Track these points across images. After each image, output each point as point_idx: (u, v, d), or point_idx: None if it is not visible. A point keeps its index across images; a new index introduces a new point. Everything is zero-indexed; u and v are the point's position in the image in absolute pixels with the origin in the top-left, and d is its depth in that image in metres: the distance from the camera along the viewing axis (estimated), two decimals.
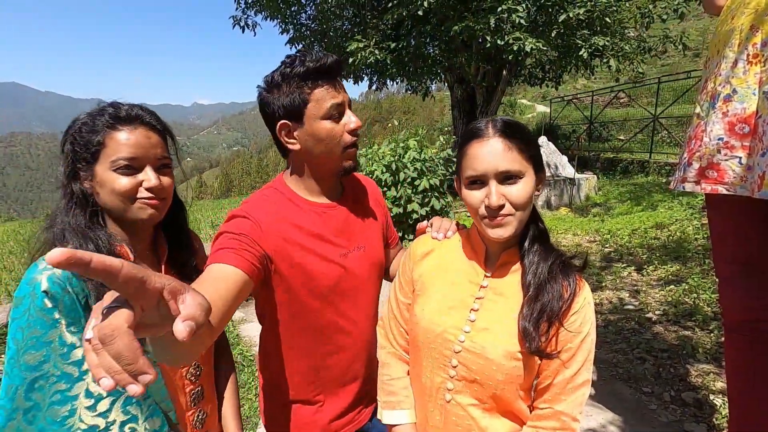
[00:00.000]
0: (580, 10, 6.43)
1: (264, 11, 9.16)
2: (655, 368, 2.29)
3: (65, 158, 0.80)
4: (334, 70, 0.91)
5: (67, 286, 0.71)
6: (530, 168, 0.80)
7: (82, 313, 0.72)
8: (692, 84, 10.38)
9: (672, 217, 4.83)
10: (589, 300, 0.82)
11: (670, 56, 24.73)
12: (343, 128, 0.93)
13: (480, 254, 0.90)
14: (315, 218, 0.98)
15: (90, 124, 0.79)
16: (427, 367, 0.89)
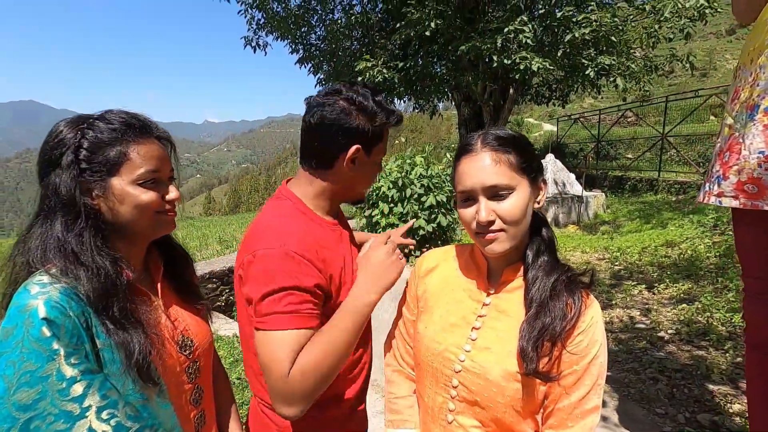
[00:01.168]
0: (585, 29, 6.50)
1: (275, 32, 9.39)
2: (669, 388, 2.21)
3: (66, 171, 0.72)
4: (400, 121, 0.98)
5: (67, 309, 0.65)
6: (523, 180, 0.77)
7: (85, 337, 0.66)
8: (700, 103, 10.38)
9: (683, 235, 4.76)
10: (597, 319, 0.77)
11: (677, 76, 24.83)
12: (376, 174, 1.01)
13: (483, 270, 0.88)
14: (334, 236, 0.97)
15: (102, 135, 0.74)
16: (429, 386, 0.87)
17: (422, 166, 5.35)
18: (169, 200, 0.82)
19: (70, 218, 0.72)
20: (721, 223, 4.81)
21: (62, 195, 0.72)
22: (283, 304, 0.80)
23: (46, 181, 0.73)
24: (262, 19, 9.10)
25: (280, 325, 0.79)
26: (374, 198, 5.17)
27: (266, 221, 0.90)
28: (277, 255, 0.81)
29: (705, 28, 7.92)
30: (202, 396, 0.90)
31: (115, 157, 0.74)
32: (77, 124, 0.75)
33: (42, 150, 0.75)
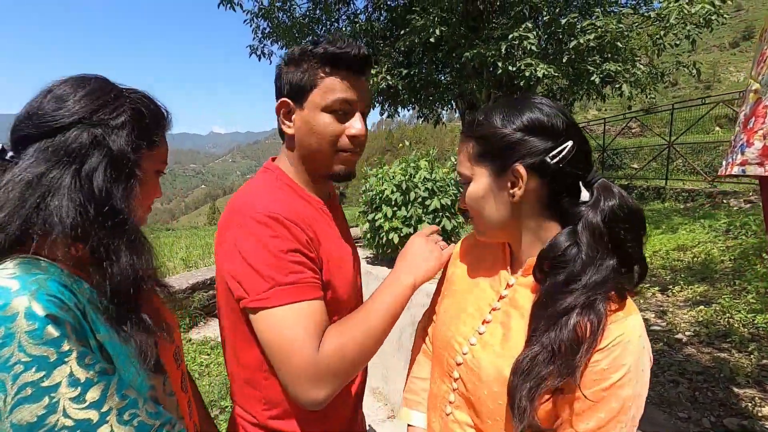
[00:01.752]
0: (590, 36, 6.49)
1: (280, 41, 9.47)
2: (691, 392, 2.09)
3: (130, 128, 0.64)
4: (358, 64, 0.80)
5: (66, 301, 0.54)
6: (483, 170, 0.69)
7: (88, 330, 0.56)
8: (707, 111, 10.32)
9: (694, 239, 4.65)
10: (629, 337, 0.58)
11: (681, 88, 24.87)
12: (343, 129, 0.81)
13: (506, 256, 0.77)
14: (317, 214, 0.87)
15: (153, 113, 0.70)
16: (436, 372, 0.82)
17: (426, 170, 5.29)
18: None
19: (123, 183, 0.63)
20: (733, 227, 4.70)
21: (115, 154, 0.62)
22: (282, 273, 0.70)
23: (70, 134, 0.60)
24: (268, 28, 9.18)
25: (286, 299, 0.69)
26: (378, 202, 5.10)
27: (248, 190, 0.82)
28: (262, 219, 0.72)
29: (708, 41, 7.93)
30: (187, 382, 0.83)
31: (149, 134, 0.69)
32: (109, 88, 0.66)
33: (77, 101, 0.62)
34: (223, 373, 3.26)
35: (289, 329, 0.68)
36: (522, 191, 0.66)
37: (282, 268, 0.70)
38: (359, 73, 0.81)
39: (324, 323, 0.72)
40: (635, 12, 7.64)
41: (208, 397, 2.87)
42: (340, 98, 0.78)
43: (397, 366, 3.57)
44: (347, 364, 0.69)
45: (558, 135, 0.65)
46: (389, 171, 5.37)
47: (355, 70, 0.80)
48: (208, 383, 3.08)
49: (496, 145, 0.67)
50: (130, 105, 0.66)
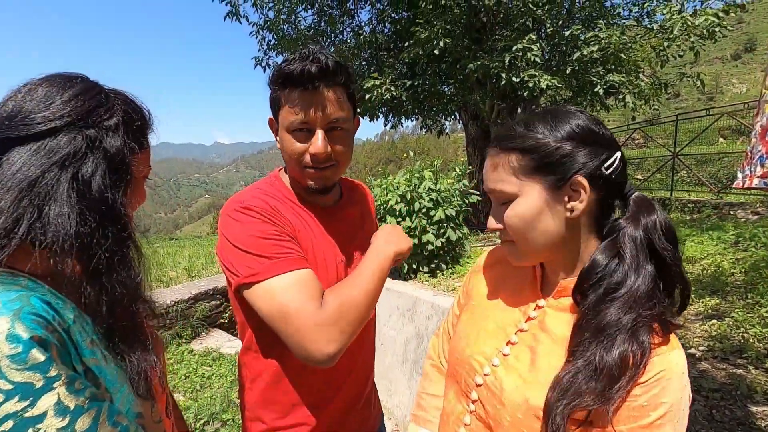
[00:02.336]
0: (594, 47, 6.52)
1: (284, 52, 9.56)
2: (707, 409, 2.03)
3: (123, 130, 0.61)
4: (310, 81, 0.77)
5: (52, 321, 0.49)
6: (533, 184, 0.63)
7: (74, 354, 0.51)
8: (711, 123, 10.30)
9: (703, 251, 4.59)
10: (670, 375, 0.55)
11: (684, 99, 24.94)
12: (305, 148, 0.82)
13: (537, 279, 0.73)
14: (311, 218, 0.91)
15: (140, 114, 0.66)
16: (451, 390, 0.77)
17: (431, 180, 5.27)
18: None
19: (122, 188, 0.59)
20: (743, 239, 4.64)
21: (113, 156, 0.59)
22: (269, 250, 0.76)
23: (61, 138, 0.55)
24: (273, 40, 9.28)
25: (277, 270, 0.74)
26: (382, 212, 5.08)
27: (241, 191, 0.90)
28: (243, 210, 0.80)
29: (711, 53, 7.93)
30: (171, 406, 0.79)
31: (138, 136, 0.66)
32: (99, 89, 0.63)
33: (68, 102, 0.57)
34: (225, 385, 3.20)
35: (287, 294, 0.72)
36: (584, 204, 0.62)
37: (268, 245, 0.76)
38: (314, 89, 0.78)
39: (319, 289, 0.76)
40: (638, 24, 7.69)
41: (210, 410, 2.81)
42: (295, 120, 0.80)
43: (401, 379, 3.50)
44: (350, 319, 0.73)
45: (608, 144, 0.63)
46: (393, 181, 5.35)
47: (308, 87, 0.78)
48: (210, 395, 3.03)
49: (551, 156, 0.62)
50: (120, 106, 0.63)
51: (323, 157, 0.81)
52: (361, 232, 0.97)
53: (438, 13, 7.05)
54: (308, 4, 8.94)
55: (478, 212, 8.23)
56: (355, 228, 0.97)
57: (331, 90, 0.80)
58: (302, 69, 0.76)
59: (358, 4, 9.24)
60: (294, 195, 0.91)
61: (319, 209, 0.92)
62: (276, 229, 0.79)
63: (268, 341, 0.84)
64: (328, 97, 0.80)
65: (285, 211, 0.85)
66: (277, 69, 0.80)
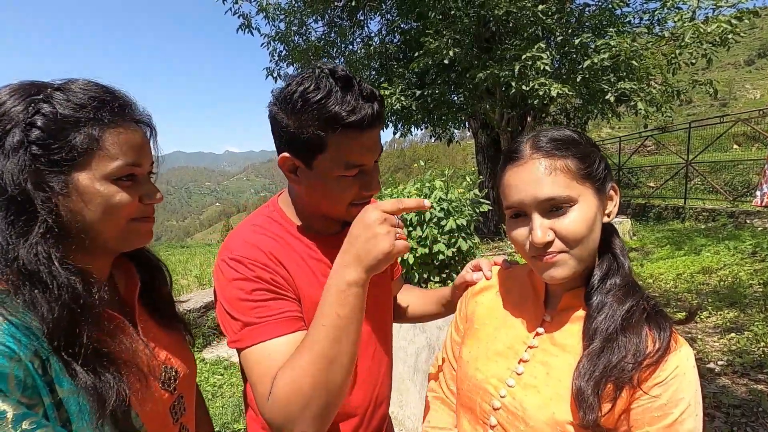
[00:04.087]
0: (604, 55, 6.49)
1: (296, 63, 9.69)
2: (728, 426, 1.98)
3: (12, 156, 0.54)
4: (370, 121, 0.69)
5: (17, 352, 0.48)
6: (587, 189, 0.63)
7: (42, 386, 0.49)
8: (725, 129, 10.17)
9: (720, 261, 4.51)
10: (685, 370, 0.59)
11: (696, 106, 24.66)
12: (358, 190, 0.75)
13: (540, 294, 0.75)
14: (315, 247, 0.84)
15: (65, 111, 0.56)
16: (466, 419, 0.75)
17: (442, 190, 5.26)
18: (150, 203, 0.65)
19: (18, 220, 0.53)
20: (761, 249, 4.55)
21: (7, 187, 0.53)
22: (249, 314, 0.70)
23: None
24: (284, 51, 9.41)
25: (255, 338, 0.69)
26: None
27: (235, 230, 0.83)
28: (230, 263, 0.73)
29: (723, 59, 7.86)
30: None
31: (84, 143, 0.56)
32: (28, 93, 0.56)
33: None
34: (237, 394, 3.21)
35: (252, 369, 0.68)
36: (617, 209, 0.68)
37: (249, 308, 0.70)
38: (370, 127, 0.71)
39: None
40: (649, 32, 7.64)
41: (222, 419, 2.82)
42: (354, 163, 0.72)
43: (412, 390, 3.47)
44: (306, 398, 0.62)
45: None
46: (404, 191, 5.36)
47: (366, 127, 0.70)
48: (222, 404, 3.03)
49: (598, 163, 0.66)
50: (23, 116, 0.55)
51: (372, 196, 0.79)
52: None
53: (447, 23, 7.10)
54: (319, 16, 9.07)
55: (488, 221, 8.19)
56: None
57: (377, 129, 0.74)
58: (365, 113, 0.68)
59: (368, 15, 9.35)
60: (295, 226, 0.84)
61: (323, 238, 0.85)
62: (258, 284, 0.72)
63: None
64: (377, 133, 0.74)
65: (282, 249, 0.79)
66: (321, 108, 0.67)
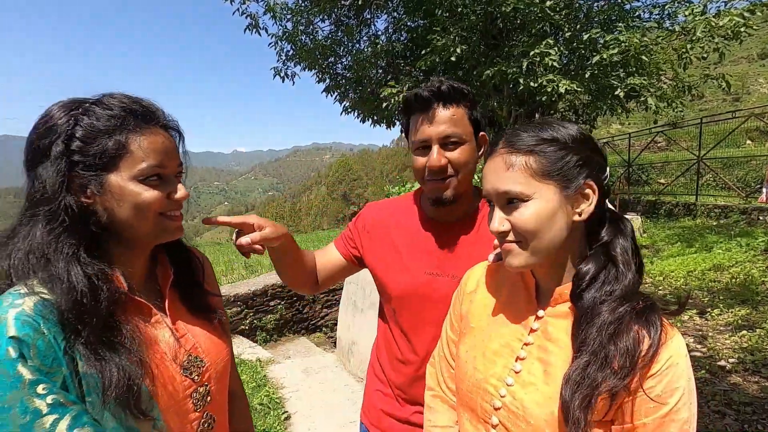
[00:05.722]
0: (614, 51, 6.42)
1: (302, 62, 9.75)
2: (739, 424, 1.97)
3: (54, 164, 0.62)
4: (424, 101, 0.93)
5: (41, 326, 0.55)
6: (547, 187, 0.64)
7: (62, 359, 0.56)
8: (738, 125, 10.01)
9: (731, 258, 4.45)
10: (677, 360, 0.59)
11: (708, 101, 24.23)
12: (425, 162, 0.96)
13: (531, 290, 0.74)
14: (416, 230, 1.05)
15: (99, 122, 0.64)
16: (467, 419, 0.76)
17: None
18: (176, 199, 0.71)
19: (51, 219, 0.61)
20: None
21: (47, 191, 0.61)
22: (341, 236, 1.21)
23: (33, 175, 0.63)
24: (291, 50, 9.44)
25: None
26: None
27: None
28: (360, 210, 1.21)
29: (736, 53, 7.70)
30: (213, 426, 0.76)
31: (114, 148, 0.64)
32: (70, 108, 0.65)
33: (30, 137, 0.64)
34: (247, 391, 3.25)
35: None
36: (592, 208, 0.66)
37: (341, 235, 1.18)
38: (423, 109, 0.94)
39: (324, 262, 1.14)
40: (659, 26, 7.53)
41: None
42: (417, 140, 0.95)
43: None
44: None
45: (603, 156, 0.69)
46: (411, 188, 5.37)
47: (423, 108, 0.94)
48: None
49: (567, 161, 0.65)
50: (65, 128, 0.63)
51: (438, 167, 0.92)
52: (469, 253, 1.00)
53: (454, 20, 7.08)
54: (326, 15, 9.08)
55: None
56: (470, 247, 1.01)
57: (446, 109, 0.93)
58: (417, 94, 0.92)
59: (375, 13, 9.34)
60: (417, 209, 1.08)
61: (432, 223, 1.04)
62: (355, 224, 1.15)
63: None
64: (437, 114, 0.93)
65: (391, 219, 1.09)
66: (402, 100, 0.96)
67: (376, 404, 1.12)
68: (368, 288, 3.58)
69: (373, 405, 1.13)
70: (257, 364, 3.53)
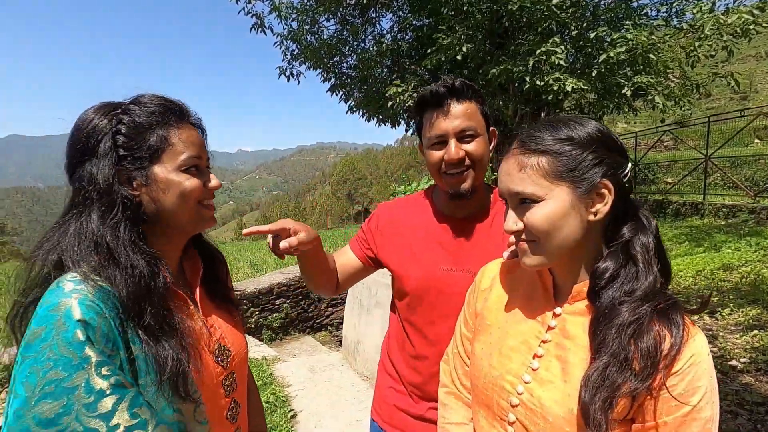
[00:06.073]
0: (620, 49, 6.38)
1: (308, 62, 9.75)
2: (752, 424, 1.95)
3: (103, 159, 0.67)
4: (436, 99, 0.96)
5: (103, 310, 0.58)
6: (559, 187, 0.63)
7: (120, 342, 0.59)
8: (746, 124, 9.92)
9: (741, 258, 4.41)
10: (700, 358, 0.58)
11: (715, 99, 24.01)
12: (441, 156, 0.98)
13: (548, 286, 0.74)
14: (430, 226, 1.07)
15: (140, 119, 0.70)
16: (483, 416, 0.75)
17: None
18: (211, 188, 0.77)
19: (106, 210, 0.66)
20: None
21: (99, 184, 0.66)
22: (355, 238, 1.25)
23: (80, 173, 0.67)
24: (296, 49, 9.46)
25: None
26: None
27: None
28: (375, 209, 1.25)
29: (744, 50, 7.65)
30: (239, 411, 0.81)
31: (157, 142, 0.70)
32: (109, 110, 0.70)
33: (73, 139, 0.69)
34: None
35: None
36: (608, 207, 0.65)
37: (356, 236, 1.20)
38: (437, 104, 0.96)
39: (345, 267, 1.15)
40: (667, 24, 7.46)
41: None
42: (433, 135, 0.98)
43: None
44: None
45: (624, 153, 0.67)
46: (417, 187, 5.36)
47: (437, 104, 0.96)
48: None
49: (581, 161, 0.64)
50: (110, 128, 0.68)
51: (457, 159, 0.95)
52: (484, 248, 1.02)
53: (460, 19, 7.06)
54: (331, 14, 9.10)
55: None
56: (479, 243, 1.03)
57: (460, 104, 0.96)
58: (432, 91, 0.94)
59: (380, 12, 9.34)
60: (430, 205, 1.11)
61: (446, 218, 1.06)
62: (368, 225, 1.17)
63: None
64: (452, 109, 0.95)
65: (404, 217, 1.12)
66: (416, 98, 0.98)
67: (388, 401, 1.12)
68: (374, 287, 3.58)
69: (386, 402, 1.13)
70: (263, 363, 3.54)
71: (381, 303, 3.46)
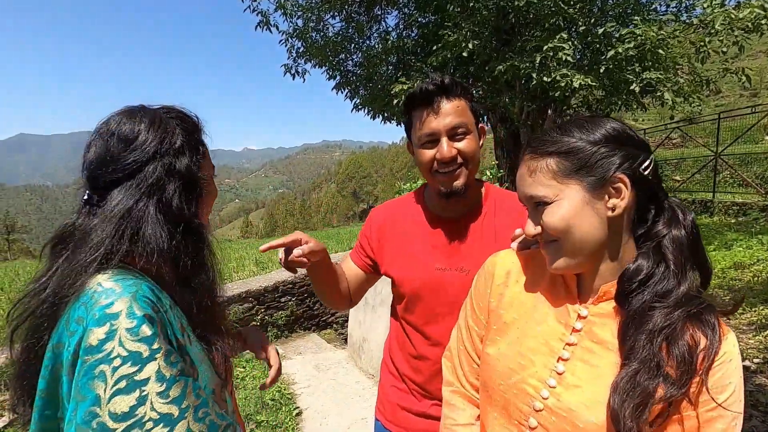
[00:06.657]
0: (629, 45, 6.30)
1: (313, 59, 9.74)
2: (765, 426, 1.91)
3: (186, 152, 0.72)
4: (426, 97, 0.94)
5: (157, 304, 0.61)
6: (570, 186, 0.63)
7: (171, 334, 0.63)
8: (757, 120, 9.77)
9: (753, 256, 4.35)
10: (731, 356, 0.58)
11: (725, 96, 23.71)
12: (433, 155, 0.96)
13: (571, 285, 0.71)
14: (424, 227, 1.06)
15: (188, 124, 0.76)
16: (497, 419, 0.71)
17: None
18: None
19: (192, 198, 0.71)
20: None
21: (187, 175, 0.70)
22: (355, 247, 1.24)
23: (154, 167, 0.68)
24: (302, 47, 9.45)
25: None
26: None
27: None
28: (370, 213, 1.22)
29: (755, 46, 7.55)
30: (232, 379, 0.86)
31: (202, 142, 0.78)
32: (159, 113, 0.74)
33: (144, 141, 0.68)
34: (258, 386, 3.26)
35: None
36: (625, 202, 0.62)
37: (356, 245, 1.19)
38: (427, 103, 0.94)
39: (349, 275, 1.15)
40: (676, 19, 7.35)
41: (244, 411, 2.87)
42: (422, 133, 0.96)
43: None
44: None
45: (642, 146, 0.66)
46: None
47: (427, 102, 0.94)
48: (244, 396, 3.09)
49: (590, 157, 0.63)
50: (179, 125, 0.73)
51: (449, 158, 0.93)
52: (479, 246, 1.01)
53: (466, 15, 7.00)
54: (336, 11, 9.08)
55: None
56: (476, 240, 1.02)
57: (450, 102, 0.94)
58: (421, 89, 0.93)
59: (385, 9, 9.30)
60: (422, 206, 1.09)
61: (438, 218, 1.05)
62: (364, 232, 1.15)
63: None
64: (442, 107, 0.94)
65: (396, 219, 1.11)
66: (406, 96, 0.96)
67: (391, 400, 1.12)
68: (379, 285, 3.56)
69: (389, 401, 1.13)
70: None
71: (386, 301, 3.45)
